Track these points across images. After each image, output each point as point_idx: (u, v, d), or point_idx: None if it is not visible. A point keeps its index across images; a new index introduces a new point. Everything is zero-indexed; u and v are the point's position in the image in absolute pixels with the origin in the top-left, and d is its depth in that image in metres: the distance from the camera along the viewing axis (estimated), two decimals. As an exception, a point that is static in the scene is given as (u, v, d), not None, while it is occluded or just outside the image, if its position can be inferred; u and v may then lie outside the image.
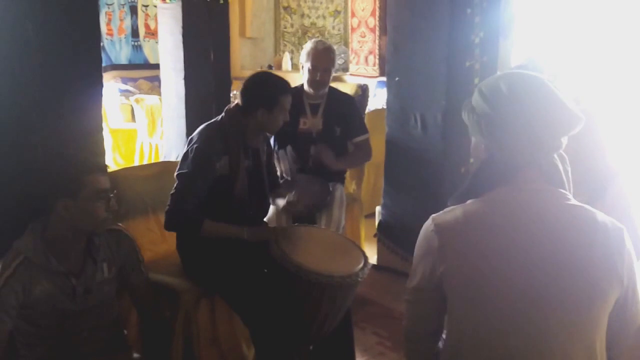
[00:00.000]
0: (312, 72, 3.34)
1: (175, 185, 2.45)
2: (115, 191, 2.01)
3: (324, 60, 3.34)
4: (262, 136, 2.70)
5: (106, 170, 2.14)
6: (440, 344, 1.57)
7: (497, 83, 1.43)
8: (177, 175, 2.47)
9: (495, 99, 1.40)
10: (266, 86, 2.54)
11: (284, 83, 2.59)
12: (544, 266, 1.33)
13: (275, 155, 3.18)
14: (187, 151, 2.48)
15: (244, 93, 2.54)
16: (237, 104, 2.57)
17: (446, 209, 1.47)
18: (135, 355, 2.20)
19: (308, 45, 3.41)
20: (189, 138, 2.55)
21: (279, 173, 3.11)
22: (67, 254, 1.96)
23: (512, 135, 1.37)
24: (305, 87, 3.40)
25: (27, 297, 1.88)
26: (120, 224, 2.22)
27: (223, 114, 2.58)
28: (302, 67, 3.42)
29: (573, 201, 1.41)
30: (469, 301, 1.38)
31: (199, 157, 2.43)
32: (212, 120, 2.60)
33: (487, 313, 1.36)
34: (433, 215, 1.48)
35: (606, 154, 2.38)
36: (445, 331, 1.53)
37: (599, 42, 4.22)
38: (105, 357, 2.07)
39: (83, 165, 1.96)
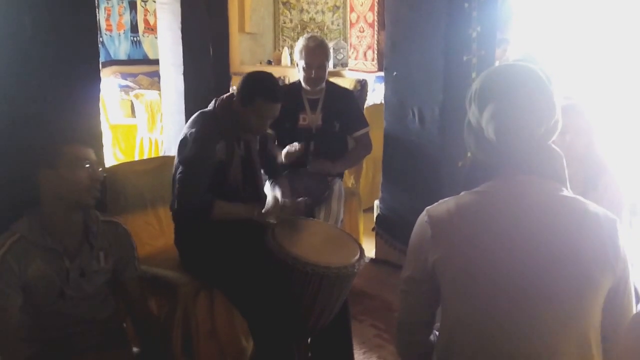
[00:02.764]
0: (306, 70, 3.33)
1: (179, 170, 2.44)
2: (102, 168, 2.01)
3: (317, 57, 3.33)
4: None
5: (103, 162, 2.13)
6: (432, 337, 1.58)
7: (482, 79, 1.46)
8: (180, 160, 2.46)
9: (475, 95, 1.44)
10: (266, 80, 2.54)
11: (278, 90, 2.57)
12: (535, 256, 1.34)
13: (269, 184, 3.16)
14: (184, 137, 2.48)
15: (243, 86, 2.52)
16: (231, 94, 2.57)
17: (440, 201, 1.49)
18: (135, 349, 2.20)
19: (300, 43, 3.38)
20: (184, 128, 2.55)
21: (279, 195, 3.06)
22: (63, 236, 1.97)
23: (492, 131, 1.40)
24: (303, 84, 3.40)
25: (22, 276, 1.88)
26: (118, 218, 2.23)
27: (214, 104, 2.58)
28: (297, 64, 3.41)
29: (565, 192, 1.41)
30: (461, 290, 1.40)
31: (199, 139, 2.44)
32: (204, 109, 2.60)
33: (479, 302, 1.37)
34: (428, 207, 1.50)
35: (597, 148, 2.39)
36: (438, 323, 1.55)
37: (594, 39, 4.23)
38: (105, 352, 2.07)
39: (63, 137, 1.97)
